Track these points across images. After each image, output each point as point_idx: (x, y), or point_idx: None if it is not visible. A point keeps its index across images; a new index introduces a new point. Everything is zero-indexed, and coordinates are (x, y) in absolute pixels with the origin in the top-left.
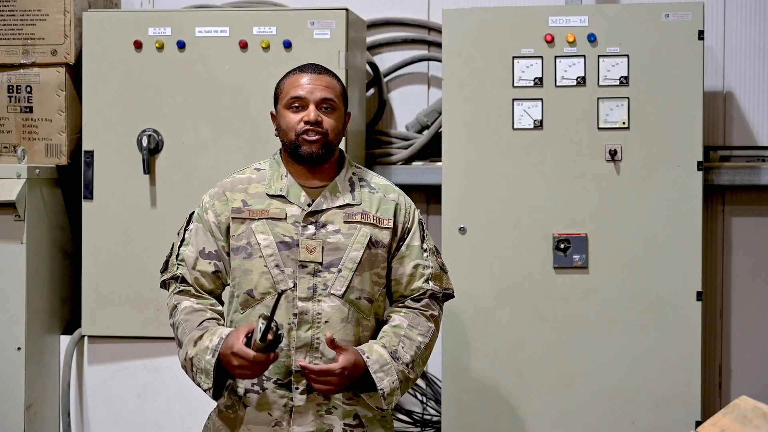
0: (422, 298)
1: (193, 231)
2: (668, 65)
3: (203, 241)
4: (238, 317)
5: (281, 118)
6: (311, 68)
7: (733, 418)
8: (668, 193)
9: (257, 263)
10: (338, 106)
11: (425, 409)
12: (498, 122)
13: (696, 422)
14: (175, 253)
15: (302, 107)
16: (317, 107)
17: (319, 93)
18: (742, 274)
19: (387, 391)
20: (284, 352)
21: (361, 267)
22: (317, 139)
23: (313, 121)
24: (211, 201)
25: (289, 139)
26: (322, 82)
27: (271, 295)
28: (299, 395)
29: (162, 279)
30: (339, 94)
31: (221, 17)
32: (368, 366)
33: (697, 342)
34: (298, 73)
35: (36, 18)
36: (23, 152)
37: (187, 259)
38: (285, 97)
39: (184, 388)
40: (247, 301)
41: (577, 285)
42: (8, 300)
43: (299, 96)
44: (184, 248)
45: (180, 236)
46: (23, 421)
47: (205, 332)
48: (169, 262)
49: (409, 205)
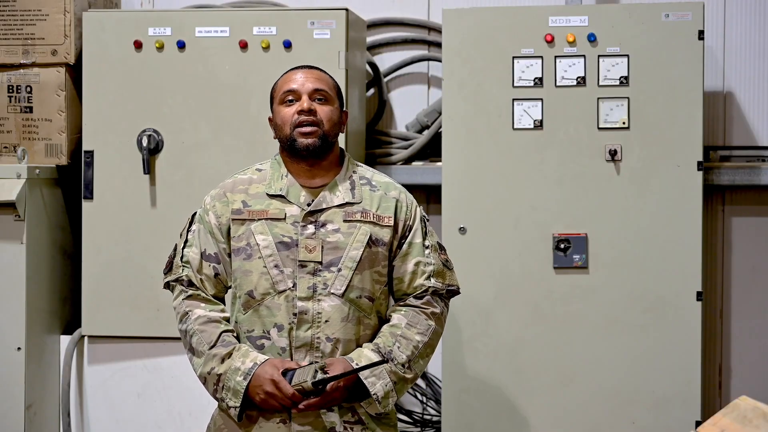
0: (424, 296)
1: (195, 232)
2: (668, 65)
3: (204, 243)
4: (241, 318)
5: (277, 116)
6: (303, 66)
7: (733, 418)
8: (668, 193)
9: (257, 264)
10: (332, 98)
11: (425, 409)
12: (498, 122)
13: (696, 422)
14: (179, 254)
15: (295, 99)
16: (310, 98)
17: (311, 84)
18: (742, 274)
19: (381, 395)
20: (286, 351)
21: (361, 265)
22: (313, 131)
23: (306, 110)
24: (212, 202)
25: (285, 134)
26: (313, 75)
27: (276, 297)
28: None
29: (166, 280)
30: (332, 87)
31: (221, 17)
32: (358, 373)
33: (697, 342)
34: (291, 71)
35: (36, 18)
36: (23, 152)
37: (192, 261)
38: (278, 94)
39: (184, 388)
40: (249, 302)
41: (577, 285)
42: (8, 300)
43: (292, 89)
44: (187, 249)
45: (183, 237)
46: (23, 421)
47: (233, 350)
48: (173, 263)
49: (411, 202)
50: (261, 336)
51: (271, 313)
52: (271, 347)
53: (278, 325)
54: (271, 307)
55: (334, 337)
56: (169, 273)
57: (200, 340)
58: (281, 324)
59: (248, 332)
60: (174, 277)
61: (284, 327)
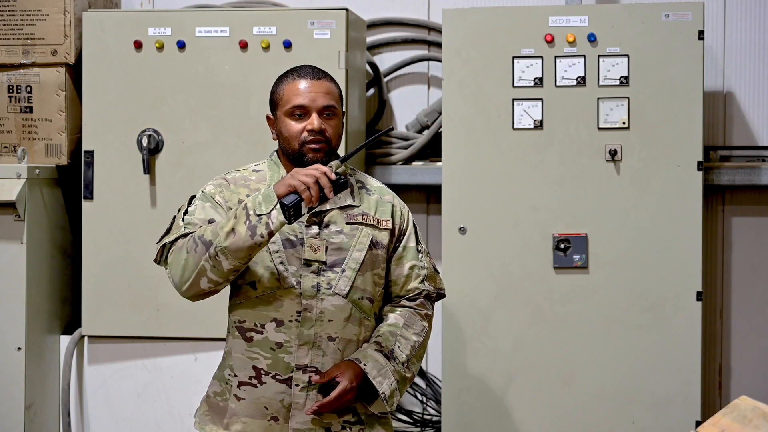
0: (417, 298)
1: (198, 207)
2: (668, 65)
3: (212, 214)
4: (238, 308)
5: (282, 126)
6: (309, 73)
7: (733, 418)
8: (668, 193)
9: (263, 257)
10: (338, 111)
11: (425, 409)
12: (498, 122)
13: (696, 422)
14: (180, 218)
15: (304, 115)
16: (319, 115)
17: (322, 101)
18: (742, 274)
19: (388, 394)
20: (285, 348)
21: (363, 267)
22: (321, 147)
23: (317, 130)
24: (217, 188)
25: (292, 147)
26: (322, 88)
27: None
28: (299, 392)
29: (162, 243)
30: (338, 99)
31: (221, 17)
32: (366, 373)
33: (697, 342)
34: (297, 78)
35: (36, 18)
36: (23, 152)
37: (196, 223)
38: (286, 105)
39: (184, 388)
40: (248, 292)
41: (577, 285)
42: (8, 300)
43: (301, 105)
44: (190, 216)
45: (182, 211)
46: (23, 421)
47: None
48: (170, 228)
49: (403, 206)
50: (252, 329)
51: (272, 308)
52: (262, 341)
53: (278, 320)
54: (272, 302)
55: (335, 336)
56: (167, 236)
57: (206, 230)
58: (281, 320)
59: (239, 322)
60: (174, 236)
61: (284, 323)
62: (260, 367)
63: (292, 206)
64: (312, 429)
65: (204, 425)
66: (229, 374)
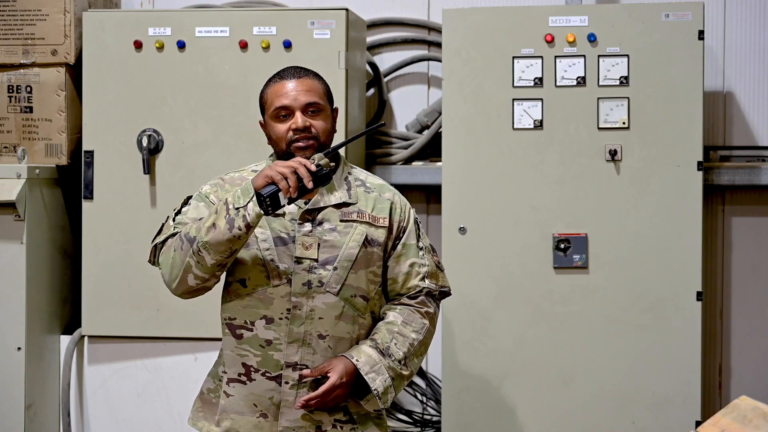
0: (418, 296)
1: (192, 206)
2: (668, 65)
3: (204, 213)
4: (229, 306)
5: (270, 128)
6: (291, 73)
7: (733, 418)
8: (668, 193)
9: (253, 254)
10: (324, 107)
11: (425, 409)
12: (498, 122)
13: (696, 422)
14: (171, 218)
15: (288, 115)
16: (303, 112)
17: (303, 98)
18: (742, 274)
19: (381, 390)
20: (274, 345)
21: (356, 265)
22: (310, 144)
23: (301, 128)
24: (213, 188)
25: (281, 148)
26: (304, 86)
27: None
28: (288, 389)
29: (154, 243)
30: (323, 95)
31: (221, 17)
32: (359, 368)
33: (697, 342)
34: (279, 80)
35: (36, 18)
36: (23, 152)
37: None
38: (270, 108)
39: (184, 388)
40: (238, 289)
41: (577, 285)
42: (8, 300)
43: (283, 105)
44: (181, 216)
45: (175, 210)
46: (23, 421)
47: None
48: (161, 229)
49: (405, 204)
50: (242, 326)
51: (262, 305)
52: (252, 338)
53: (267, 317)
54: (262, 300)
55: (326, 334)
56: (159, 236)
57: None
58: (271, 317)
59: (229, 319)
60: (165, 236)
61: (274, 320)
62: (250, 364)
63: (269, 196)
64: (302, 427)
65: (197, 421)
66: (222, 371)
